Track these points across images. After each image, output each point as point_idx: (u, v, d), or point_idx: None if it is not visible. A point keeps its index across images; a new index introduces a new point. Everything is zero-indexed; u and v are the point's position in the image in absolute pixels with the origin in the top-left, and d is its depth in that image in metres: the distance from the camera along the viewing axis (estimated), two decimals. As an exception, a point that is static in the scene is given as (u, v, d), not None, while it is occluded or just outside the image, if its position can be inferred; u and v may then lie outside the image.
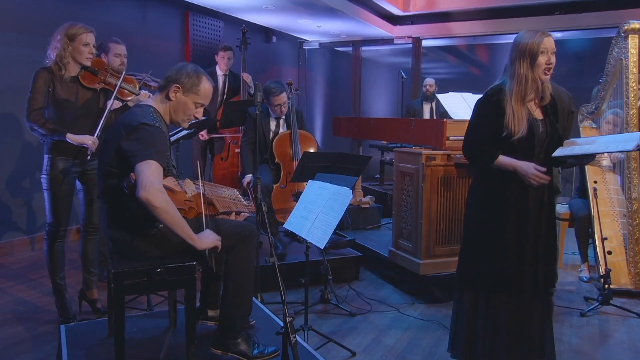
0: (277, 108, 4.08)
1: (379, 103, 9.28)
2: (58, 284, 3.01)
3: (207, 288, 2.59)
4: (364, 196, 5.03)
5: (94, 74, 2.95)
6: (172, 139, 3.04)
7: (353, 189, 5.02)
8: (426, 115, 6.39)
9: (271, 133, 4.19)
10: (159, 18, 5.82)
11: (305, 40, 8.74)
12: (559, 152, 2.26)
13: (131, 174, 1.96)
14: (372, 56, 9.40)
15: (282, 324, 2.75)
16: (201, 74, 2.19)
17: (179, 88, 2.16)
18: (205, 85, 2.20)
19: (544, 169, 2.22)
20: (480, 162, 2.34)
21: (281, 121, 4.21)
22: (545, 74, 2.23)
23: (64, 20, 2.91)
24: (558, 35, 7.33)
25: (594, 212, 3.89)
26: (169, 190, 2.03)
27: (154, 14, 5.76)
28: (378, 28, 7.62)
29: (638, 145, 2.06)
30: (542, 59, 2.21)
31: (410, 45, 8.13)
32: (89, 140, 2.79)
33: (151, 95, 3.26)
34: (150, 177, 1.93)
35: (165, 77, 2.20)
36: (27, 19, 4.46)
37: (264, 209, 2.18)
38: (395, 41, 8.24)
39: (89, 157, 2.81)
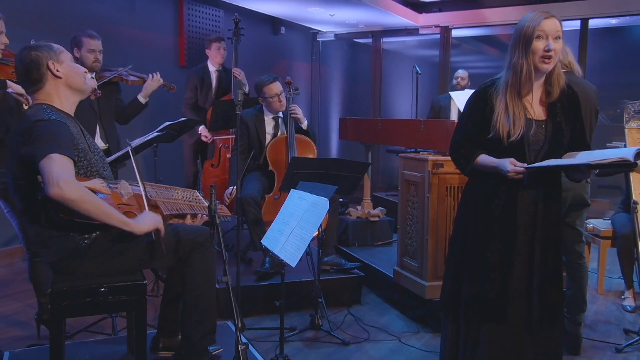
0: (274, 100, 4.08)
1: (404, 102, 9.19)
2: None
3: (164, 312, 2.58)
4: (374, 208, 4.97)
5: None
6: (139, 143, 3.07)
7: (362, 200, 5.05)
8: (453, 113, 6.24)
9: (269, 136, 4.20)
10: (149, 6, 5.92)
11: (319, 31, 8.75)
12: (535, 164, 2.12)
13: (38, 176, 1.97)
14: (396, 48, 9.33)
15: (259, 356, 2.74)
16: (44, 42, 2.26)
17: (54, 62, 2.19)
18: (56, 45, 2.26)
19: (522, 165, 2.09)
20: (458, 166, 2.29)
21: (280, 121, 4.22)
22: (544, 62, 2.12)
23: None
24: (613, 21, 7.13)
25: (637, 229, 3.75)
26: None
27: (144, 1, 5.86)
28: (401, 17, 7.57)
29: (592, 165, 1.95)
30: (538, 45, 2.11)
31: (438, 35, 8.06)
32: None
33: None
34: (56, 171, 1.92)
35: (30, 74, 2.19)
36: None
37: (216, 220, 2.15)
38: (421, 31, 8.16)
39: None
